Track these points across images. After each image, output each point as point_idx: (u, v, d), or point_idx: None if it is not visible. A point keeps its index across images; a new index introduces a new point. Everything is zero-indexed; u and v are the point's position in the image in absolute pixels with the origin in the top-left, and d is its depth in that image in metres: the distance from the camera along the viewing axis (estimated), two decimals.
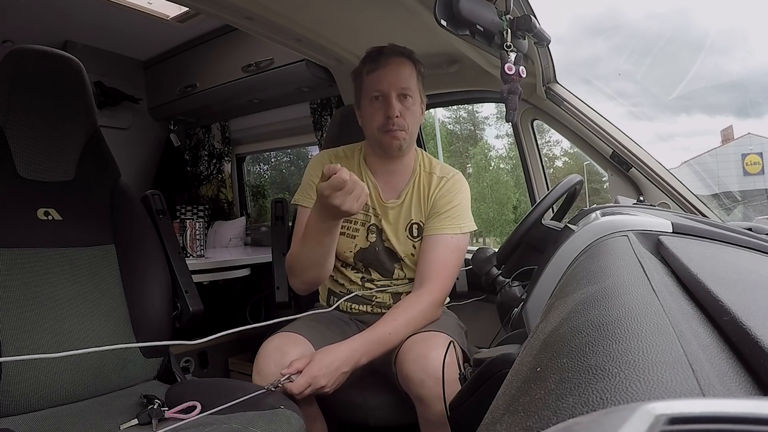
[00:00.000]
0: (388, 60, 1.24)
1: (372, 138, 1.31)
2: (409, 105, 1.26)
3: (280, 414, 0.98)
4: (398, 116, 1.23)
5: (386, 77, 1.23)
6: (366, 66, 1.27)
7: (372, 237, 1.34)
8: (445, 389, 0.82)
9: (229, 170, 3.14)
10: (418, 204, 1.34)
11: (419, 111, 1.31)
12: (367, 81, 1.26)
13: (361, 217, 1.35)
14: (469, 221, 1.33)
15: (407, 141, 1.28)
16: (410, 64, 1.28)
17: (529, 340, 0.38)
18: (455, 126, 9.78)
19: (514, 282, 0.90)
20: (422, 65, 1.32)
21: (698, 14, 10.41)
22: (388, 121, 1.24)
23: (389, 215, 1.34)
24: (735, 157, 4.68)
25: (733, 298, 0.27)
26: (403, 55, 1.27)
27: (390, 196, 1.35)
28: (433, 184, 1.34)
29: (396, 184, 1.36)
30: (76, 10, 2.20)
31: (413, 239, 1.34)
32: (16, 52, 1.22)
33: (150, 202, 1.42)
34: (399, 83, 1.24)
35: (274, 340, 1.18)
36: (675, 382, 0.19)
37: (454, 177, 1.36)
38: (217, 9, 1.44)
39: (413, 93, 1.27)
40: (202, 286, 1.80)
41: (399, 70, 1.24)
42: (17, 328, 1.08)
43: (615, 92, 2.72)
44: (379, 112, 1.25)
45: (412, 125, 1.28)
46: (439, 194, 1.32)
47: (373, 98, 1.25)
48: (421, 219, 1.34)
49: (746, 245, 0.51)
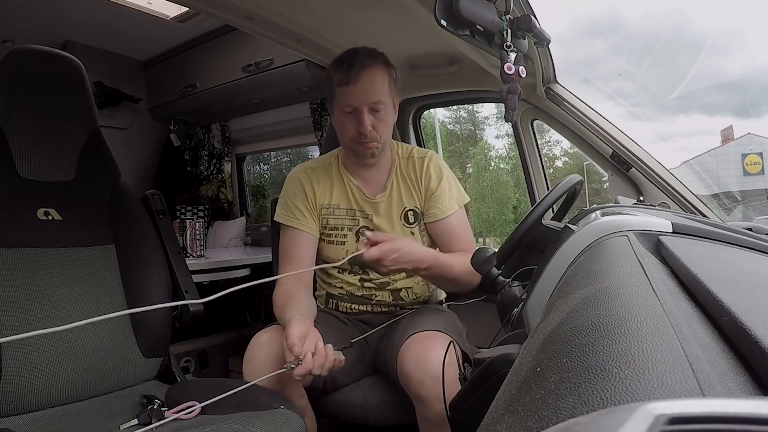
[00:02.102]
0: (360, 74, 1.21)
1: (345, 147, 1.34)
2: (381, 116, 1.26)
3: (280, 414, 0.98)
4: (371, 129, 1.24)
5: (358, 92, 1.22)
6: (337, 75, 1.24)
7: (362, 239, 1.35)
8: (445, 389, 0.82)
9: (229, 170, 3.14)
10: (408, 190, 1.36)
11: (391, 116, 1.31)
12: (339, 93, 1.25)
13: (348, 222, 1.35)
14: (463, 192, 1.40)
15: (380, 149, 1.30)
16: (382, 73, 1.25)
17: (529, 340, 0.38)
18: (455, 126, 9.77)
19: (514, 282, 0.90)
20: (395, 69, 1.31)
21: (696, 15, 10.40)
22: (360, 135, 1.25)
23: (380, 209, 1.35)
24: (735, 157, 4.68)
25: (733, 298, 0.27)
26: (375, 64, 1.24)
27: (375, 192, 1.36)
28: (418, 166, 1.36)
29: (378, 179, 1.37)
30: (76, 10, 2.20)
31: (410, 226, 1.35)
32: (16, 52, 1.22)
33: (150, 202, 1.42)
34: (371, 98, 1.23)
35: (267, 332, 1.18)
36: (675, 382, 0.19)
37: (431, 154, 1.40)
38: (217, 9, 1.44)
39: (386, 103, 1.26)
40: (202, 286, 1.80)
41: (371, 84, 1.22)
42: (17, 328, 1.08)
43: (615, 92, 2.72)
44: (352, 125, 1.25)
45: (385, 134, 1.29)
46: (427, 174, 1.35)
47: (345, 112, 1.26)
48: (415, 205, 1.35)
49: (746, 245, 0.51)
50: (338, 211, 1.36)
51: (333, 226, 1.35)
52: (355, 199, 1.35)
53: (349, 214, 1.35)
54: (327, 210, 1.35)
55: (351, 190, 1.36)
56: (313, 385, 1.21)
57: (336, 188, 1.36)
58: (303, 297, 1.22)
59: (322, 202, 1.35)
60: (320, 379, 1.22)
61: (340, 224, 1.35)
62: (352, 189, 1.35)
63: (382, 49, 1.31)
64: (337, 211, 1.35)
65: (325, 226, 1.35)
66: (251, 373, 1.13)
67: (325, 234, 1.35)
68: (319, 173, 1.37)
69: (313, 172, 1.37)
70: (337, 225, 1.35)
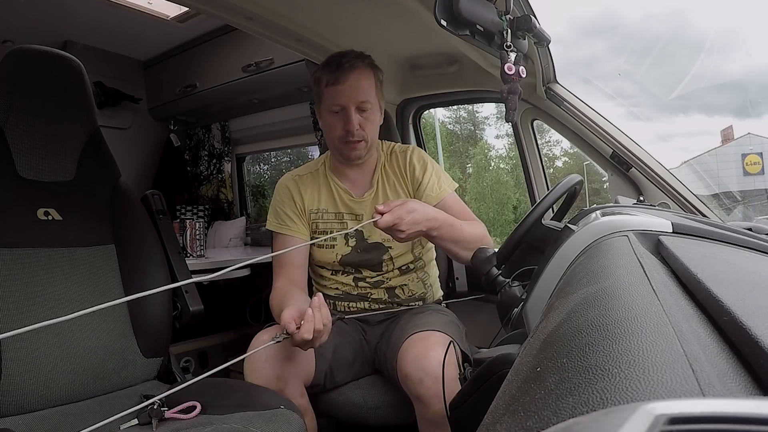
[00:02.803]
0: (347, 75, 1.25)
1: (333, 147, 1.35)
2: (368, 115, 1.29)
3: (280, 414, 0.98)
4: (358, 128, 1.27)
5: (346, 92, 1.25)
6: (325, 76, 1.28)
7: (352, 242, 1.36)
8: (445, 389, 0.82)
9: (229, 170, 3.14)
10: (394, 185, 1.38)
11: (378, 117, 1.34)
12: (327, 93, 1.28)
13: (336, 226, 1.37)
14: (450, 179, 1.42)
15: (367, 149, 1.32)
16: (369, 74, 1.29)
17: (529, 340, 0.38)
18: (455, 126, 9.78)
19: (514, 282, 0.90)
20: (381, 72, 1.34)
21: (696, 15, 10.40)
22: (347, 134, 1.27)
23: (368, 207, 1.36)
24: (735, 157, 4.68)
25: (733, 298, 0.27)
26: (362, 65, 1.28)
27: (363, 191, 1.38)
28: (401, 160, 1.39)
29: (365, 178, 1.40)
30: (76, 10, 2.20)
31: None
32: (16, 52, 1.22)
33: (150, 202, 1.42)
34: (358, 97, 1.26)
35: (268, 332, 1.19)
36: (675, 382, 0.19)
37: (413, 147, 1.43)
38: (217, 9, 1.44)
39: (372, 103, 1.29)
40: (202, 286, 1.80)
41: (358, 84, 1.26)
42: (17, 328, 1.08)
43: (614, 92, 2.72)
44: (339, 124, 1.28)
45: (371, 133, 1.32)
46: (411, 165, 1.37)
47: (332, 111, 1.28)
48: (405, 197, 1.36)
49: (746, 245, 0.51)
50: (327, 215, 1.37)
51: (322, 231, 1.37)
52: (342, 201, 1.37)
53: (337, 218, 1.37)
54: (316, 215, 1.37)
55: (338, 194, 1.37)
56: (313, 383, 1.21)
57: (323, 193, 1.38)
58: (298, 296, 1.22)
59: (311, 207, 1.37)
60: (321, 376, 1.22)
61: (329, 228, 1.37)
62: (339, 192, 1.37)
63: (382, 49, 1.32)
64: (325, 215, 1.37)
65: (314, 231, 1.37)
66: (252, 373, 1.14)
67: (315, 238, 1.36)
68: (307, 180, 1.39)
69: (301, 179, 1.39)
70: (326, 229, 1.37)
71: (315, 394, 1.25)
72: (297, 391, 1.16)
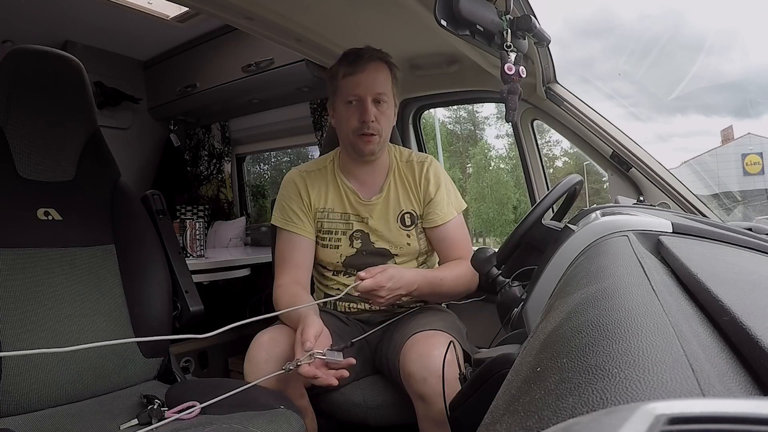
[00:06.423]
0: (366, 65, 1.26)
1: (346, 141, 1.33)
2: (384, 109, 1.28)
3: (280, 414, 0.98)
4: (373, 120, 1.26)
5: (363, 82, 1.25)
6: (342, 69, 1.27)
7: (357, 243, 1.35)
8: (445, 388, 0.82)
9: (229, 170, 3.13)
10: (405, 193, 1.36)
11: (392, 114, 1.34)
12: (343, 84, 1.27)
13: (342, 226, 1.35)
14: (460, 199, 1.42)
15: (380, 144, 1.31)
16: (386, 69, 1.30)
17: (529, 340, 0.38)
18: (455, 126, 9.76)
19: (514, 282, 0.90)
20: (398, 69, 1.34)
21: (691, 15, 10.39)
22: (363, 125, 1.26)
23: (375, 211, 1.35)
24: (735, 157, 4.68)
25: (733, 298, 0.27)
26: (380, 60, 1.29)
27: (371, 194, 1.37)
28: (416, 170, 1.37)
29: (375, 181, 1.38)
30: (76, 10, 2.20)
31: (406, 228, 1.35)
32: (16, 52, 1.22)
33: (150, 202, 1.42)
34: (375, 88, 1.26)
35: (268, 332, 1.19)
36: (675, 382, 0.19)
37: (431, 160, 1.40)
38: (217, 9, 1.44)
39: (388, 97, 1.29)
40: (202, 286, 1.80)
41: (376, 75, 1.26)
42: (17, 328, 1.08)
43: (613, 92, 2.72)
44: (354, 116, 1.27)
45: (386, 129, 1.31)
46: (426, 179, 1.36)
47: (348, 102, 1.27)
48: (413, 208, 1.36)
49: (746, 245, 0.51)
50: (332, 215, 1.36)
51: (327, 230, 1.36)
52: (349, 202, 1.36)
53: (342, 218, 1.36)
54: (321, 213, 1.36)
55: (345, 194, 1.36)
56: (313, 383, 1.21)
57: (331, 192, 1.37)
58: (306, 299, 1.22)
59: (317, 205, 1.36)
60: None
61: (334, 228, 1.36)
62: (346, 192, 1.36)
63: (382, 48, 1.32)
64: (331, 215, 1.36)
65: (319, 230, 1.36)
66: (252, 373, 1.13)
67: (320, 237, 1.36)
68: (315, 176, 1.37)
69: (309, 176, 1.38)
70: (331, 229, 1.36)
71: (315, 394, 1.25)
72: (297, 391, 1.16)
